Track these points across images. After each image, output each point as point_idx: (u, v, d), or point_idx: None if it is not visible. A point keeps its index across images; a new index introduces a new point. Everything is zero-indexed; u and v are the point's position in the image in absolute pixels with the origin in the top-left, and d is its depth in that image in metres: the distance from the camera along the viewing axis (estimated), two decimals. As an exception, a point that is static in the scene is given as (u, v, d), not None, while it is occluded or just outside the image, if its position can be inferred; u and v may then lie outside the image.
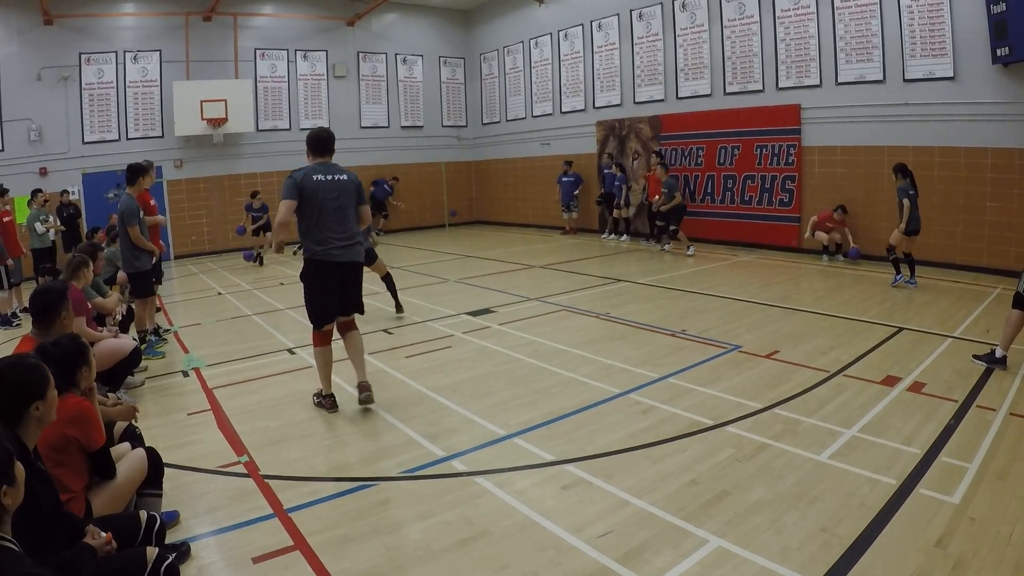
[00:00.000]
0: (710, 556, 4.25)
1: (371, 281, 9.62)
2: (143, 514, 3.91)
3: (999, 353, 7.70)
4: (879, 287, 12.33)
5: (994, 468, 5.28)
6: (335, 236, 6.86)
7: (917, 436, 5.94)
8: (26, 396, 3.28)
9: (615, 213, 20.84)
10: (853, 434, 6.03)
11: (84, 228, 18.04)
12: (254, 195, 19.80)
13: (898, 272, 12.36)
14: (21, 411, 3.26)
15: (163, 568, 3.32)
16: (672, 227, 16.86)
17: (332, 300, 7.07)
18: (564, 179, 22.18)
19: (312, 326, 7.19)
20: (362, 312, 7.44)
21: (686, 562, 4.21)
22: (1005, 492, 4.89)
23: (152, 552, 3.48)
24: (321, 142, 7.12)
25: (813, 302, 11.34)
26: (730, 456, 5.70)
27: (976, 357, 7.85)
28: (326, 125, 22.75)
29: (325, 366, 7.28)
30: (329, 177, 6.90)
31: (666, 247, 17.16)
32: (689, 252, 16.32)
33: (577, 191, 22.17)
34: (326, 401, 7.25)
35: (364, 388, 7.10)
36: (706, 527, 4.58)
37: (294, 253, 18.66)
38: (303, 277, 7.05)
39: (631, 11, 20.54)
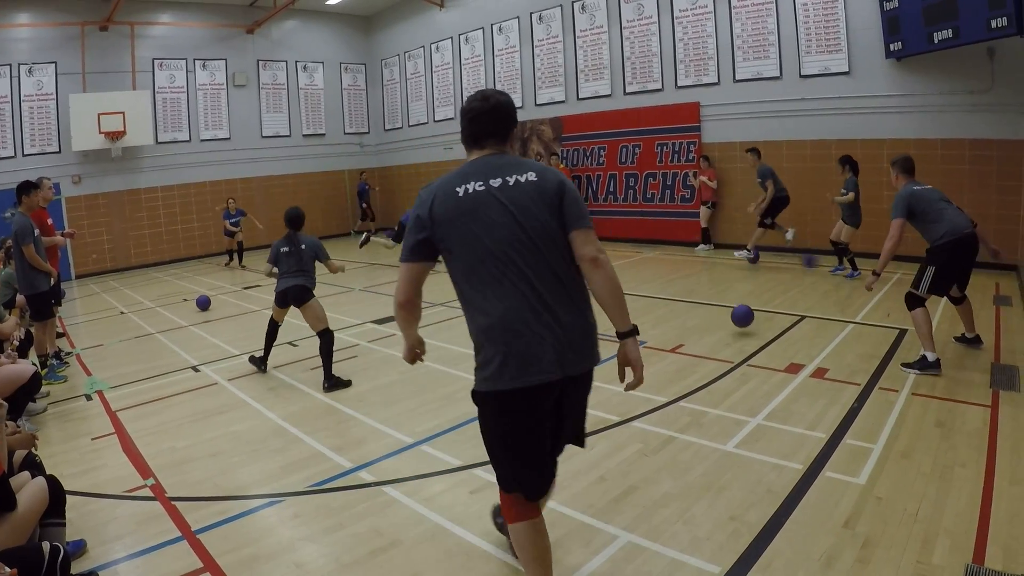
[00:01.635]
0: (621, 551, 4.25)
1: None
2: (46, 545, 3.78)
3: (931, 357, 7.25)
4: (783, 277, 12.53)
5: (898, 447, 5.39)
6: (524, 314, 3.34)
7: (822, 420, 6.04)
8: None
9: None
10: (758, 423, 6.10)
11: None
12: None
13: (855, 268, 12.62)
14: None
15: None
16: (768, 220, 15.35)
17: (538, 445, 3.60)
18: None
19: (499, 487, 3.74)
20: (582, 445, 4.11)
21: (597, 559, 4.21)
22: (910, 470, 4.99)
23: (56, 582, 3.37)
24: (485, 115, 3.54)
25: (717, 295, 11.49)
26: (637, 451, 5.72)
27: (905, 365, 7.40)
28: (227, 135, 22.58)
29: (535, 560, 3.58)
30: (502, 181, 3.42)
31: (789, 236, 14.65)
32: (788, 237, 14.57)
33: None
34: None
35: None
36: (615, 523, 4.57)
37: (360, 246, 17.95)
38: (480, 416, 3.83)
39: (531, 14, 20.63)
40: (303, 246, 8.82)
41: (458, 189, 3.38)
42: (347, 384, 8.22)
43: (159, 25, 22.36)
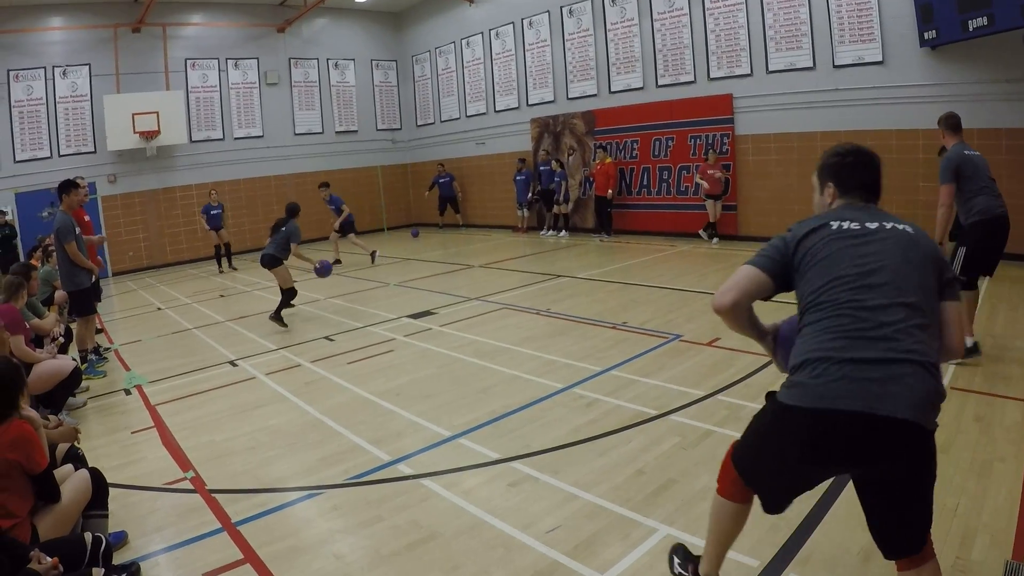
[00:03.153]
0: (659, 545, 4.25)
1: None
2: (88, 536, 3.86)
3: (969, 342, 7.06)
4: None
5: (938, 441, 5.29)
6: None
7: (859, 415, 5.98)
8: None
9: (555, 209, 20.85)
10: (797, 416, 6.06)
11: (21, 248, 17.72)
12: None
13: None
14: None
15: (110, 590, 3.26)
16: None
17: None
18: (518, 178, 22.07)
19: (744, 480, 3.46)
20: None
21: (636, 552, 4.22)
22: (949, 465, 4.93)
23: (99, 574, 3.42)
24: (852, 170, 3.64)
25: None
26: (675, 445, 5.71)
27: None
28: (260, 133, 22.70)
29: (723, 535, 3.56)
30: (873, 228, 3.23)
31: None
32: None
33: (530, 189, 22.07)
34: None
35: None
36: (654, 516, 4.58)
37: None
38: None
39: (561, 8, 20.58)
40: (283, 228, 11.81)
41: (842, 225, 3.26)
42: (285, 327, 11.16)
43: (191, 26, 22.55)
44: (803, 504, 4.52)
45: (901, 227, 3.20)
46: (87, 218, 10.40)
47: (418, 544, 4.53)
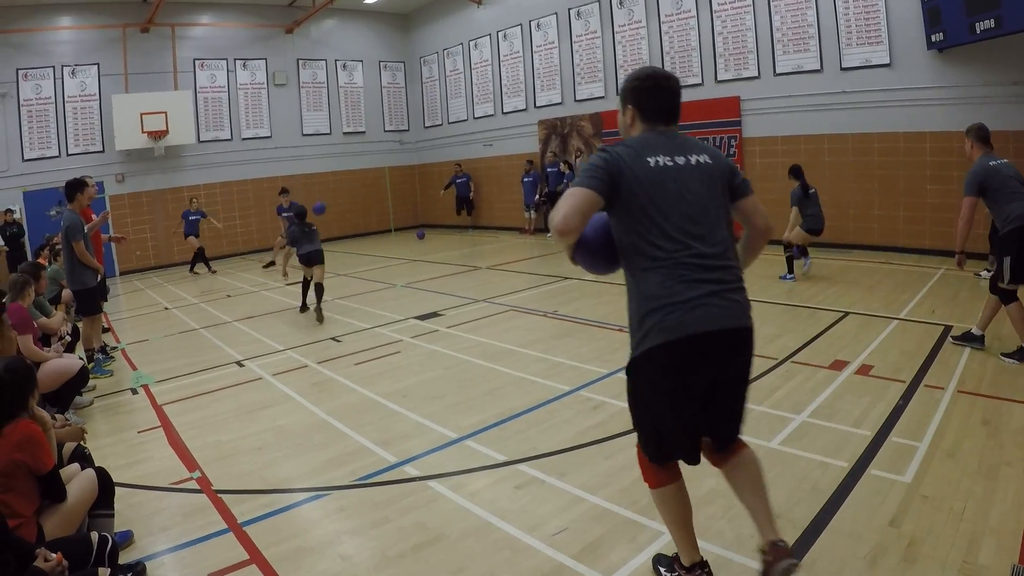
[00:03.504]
0: (666, 548, 4.23)
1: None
2: (94, 535, 3.86)
3: (976, 331, 7.73)
4: (825, 273, 12.44)
5: (944, 446, 5.34)
6: (699, 276, 3.29)
7: (867, 418, 5.99)
8: None
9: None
10: (803, 419, 6.07)
11: (28, 247, 17.77)
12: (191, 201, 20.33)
13: (791, 271, 12.34)
14: None
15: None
16: None
17: (686, 412, 3.50)
18: (525, 179, 22.09)
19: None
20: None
21: (642, 555, 4.22)
22: (955, 469, 4.94)
23: (104, 573, 3.43)
24: (657, 94, 3.71)
25: (759, 290, 11.39)
26: (682, 447, 5.70)
27: (1005, 355, 7.35)
28: (268, 134, 22.75)
29: (678, 519, 3.80)
30: (678, 160, 3.47)
31: None
32: None
33: (537, 191, 22.05)
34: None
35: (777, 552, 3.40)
36: (660, 519, 4.56)
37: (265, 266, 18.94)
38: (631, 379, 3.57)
39: (569, 9, 20.61)
40: (313, 227, 12.79)
41: (650, 160, 3.44)
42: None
43: (199, 26, 22.64)
44: (809, 508, 4.54)
45: (702, 159, 3.52)
46: (94, 216, 10.39)
47: (424, 546, 4.53)
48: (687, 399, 3.41)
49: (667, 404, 3.43)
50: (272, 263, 18.46)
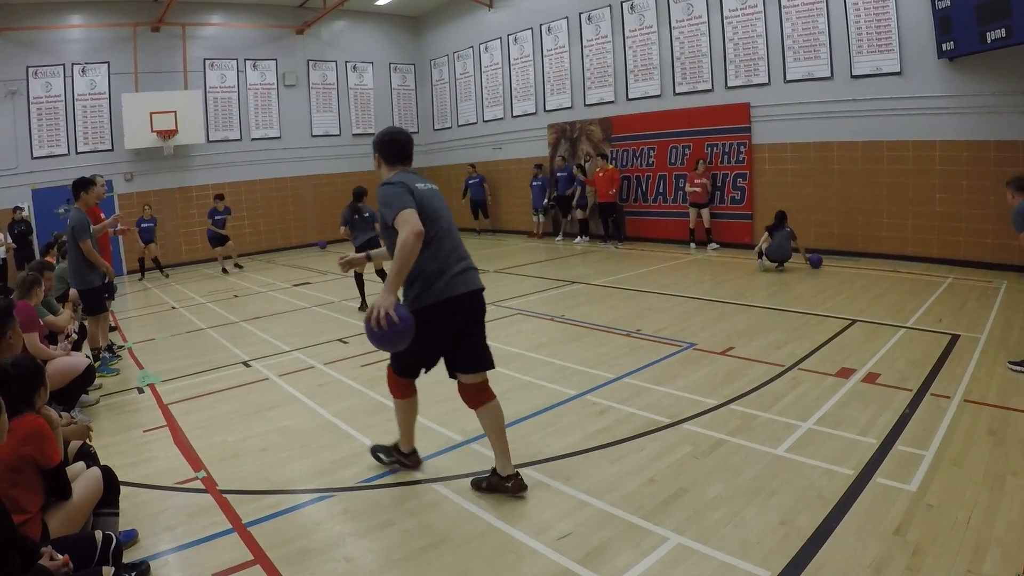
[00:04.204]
0: (670, 554, 4.24)
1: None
2: (99, 534, 3.86)
3: None
4: (833, 280, 12.43)
5: (950, 455, 5.33)
6: (460, 256, 5.17)
7: (873, 426, 5.98)
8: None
9: (579, 215, 20.67)
10: (809, 427, 6.06)
11: (36, 244, 17.81)
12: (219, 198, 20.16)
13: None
14: None
15: (119, 588, 3.28)
16: None
17: (441, 343, 5.23)
18: (534, 183, 22.01)
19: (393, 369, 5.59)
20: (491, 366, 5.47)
21: (647, 561, 4.21)
22: (961, 478, 4.94)
23: (108, 572, 3.43)
24: (402, 146, 5.43)
25: (767, 297, 11.41)
26: (687, 453, 5.70)
27: (1012, 364, 7.42)
28: (277, 134, 22.75)
29: (410, 421, 5.77)
30: (430, 187, 5.29)
31: None
32: None
33: (546, 195, 21.98)
34: (408, 459, 5.83)
35: (517, 482, 5.20)
36: (665, 525, 4.57)
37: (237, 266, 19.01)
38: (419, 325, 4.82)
39: (580, 14, 20.61)
40: (366, 215, 12.22)
41: (419, 185, 5.12)
42: None
43: (210, 26, 22.65)
44: (814, 515, 4.53)
45: (434, 186, 5.44)
46: (103, 215, 10.38)
47: (429, 548, 4.53)
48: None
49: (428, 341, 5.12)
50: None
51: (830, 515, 4.55)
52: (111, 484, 4.47)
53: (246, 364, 9.56)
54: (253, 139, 23.39)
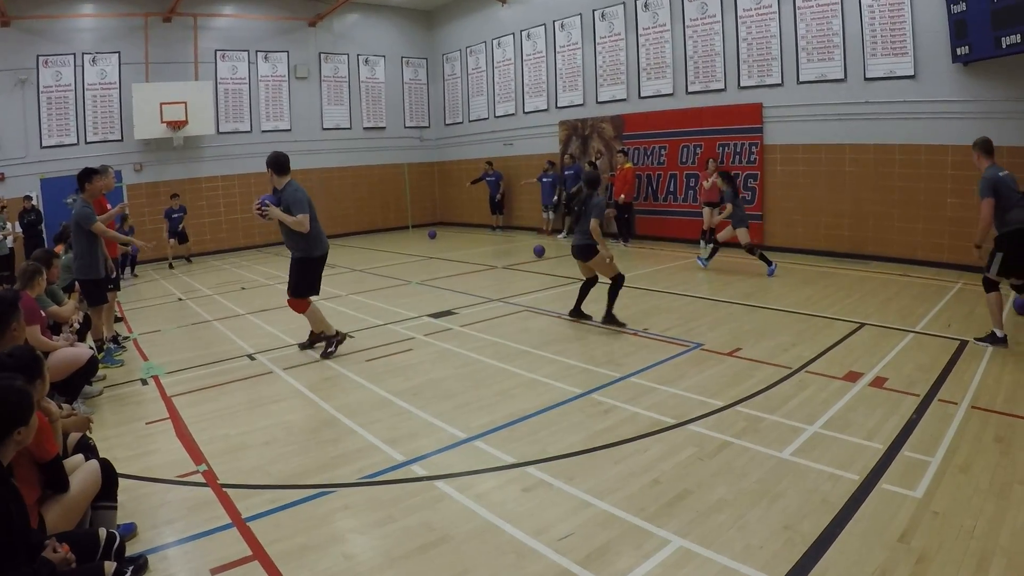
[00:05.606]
0: (672, 556, 4.21)
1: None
2: (102, 532, 3.85)
3: (999, 334, 8.27)
4: (842, 283, 12.38)
5: (956, 461, 5.29)
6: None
7: (879, 431, 5.94)
8: (10, 421, 3.27)
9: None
10: (815, 430, 6.03)
11: (45, 234, 17.82)
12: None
13: (769, 263, 13.54)
14: (2, 435, 3.23)
15: (120, 582, 3.27)
16: None
17: None
18: (544, 179, 21.96)
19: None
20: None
21: (648, 563, 4.18)
22: (967, 485, 4.90)
23: (110, 567, 3.42)
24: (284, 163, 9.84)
25: (775, 299, 11.36)
26: (692, 455, 5.67)
27: (978, 340, 8.42)
28: (287, 127, 22.75)
29: (322, 317, 9.58)
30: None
31: None
32: None
33: (556, 192, 21.90)
34: (339, 337, 9.59)
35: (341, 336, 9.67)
36: (668, 527, 4.54)
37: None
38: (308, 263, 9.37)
39: (593, 11, 20.55)
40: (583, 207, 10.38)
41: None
42: (623, 325, 10.11)
43: (222, 17, 22.61)
44: (819, 520, 4.50)
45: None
46: (109, 206, 10.33)
47: (429, 547, 4.50)
48: None
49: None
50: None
51: (834, 520, 4.51)
52: (109, 477, 4.44)
53: (251, 357, 9.56)
54: (263, 131, 23.32)
